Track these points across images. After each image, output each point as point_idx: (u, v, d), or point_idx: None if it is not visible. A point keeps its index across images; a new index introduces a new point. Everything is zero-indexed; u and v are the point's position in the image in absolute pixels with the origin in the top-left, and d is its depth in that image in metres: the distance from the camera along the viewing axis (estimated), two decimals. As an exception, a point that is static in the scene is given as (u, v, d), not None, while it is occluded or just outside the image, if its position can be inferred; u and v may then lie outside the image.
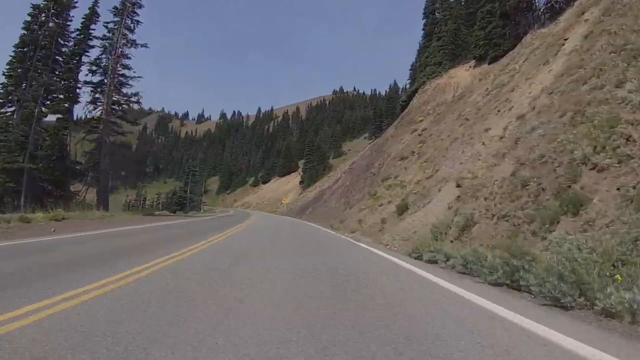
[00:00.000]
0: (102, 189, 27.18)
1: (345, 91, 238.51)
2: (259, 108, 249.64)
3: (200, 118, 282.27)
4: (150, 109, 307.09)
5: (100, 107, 26.34)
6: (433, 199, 12.46)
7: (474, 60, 36.68)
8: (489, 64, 30.59)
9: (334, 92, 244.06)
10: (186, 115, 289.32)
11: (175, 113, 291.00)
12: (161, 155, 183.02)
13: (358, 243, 11.60)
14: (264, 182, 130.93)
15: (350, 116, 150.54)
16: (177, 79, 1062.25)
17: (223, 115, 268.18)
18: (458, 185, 11.15)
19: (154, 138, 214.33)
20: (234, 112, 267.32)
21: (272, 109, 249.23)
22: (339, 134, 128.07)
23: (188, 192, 56.14)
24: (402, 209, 14.51)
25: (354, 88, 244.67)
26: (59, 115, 26.50)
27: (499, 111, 15.58)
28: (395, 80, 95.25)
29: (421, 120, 34.18)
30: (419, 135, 29.87)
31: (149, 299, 3.51)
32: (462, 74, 37.77)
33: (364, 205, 22.75)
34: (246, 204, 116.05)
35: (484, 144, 13.30)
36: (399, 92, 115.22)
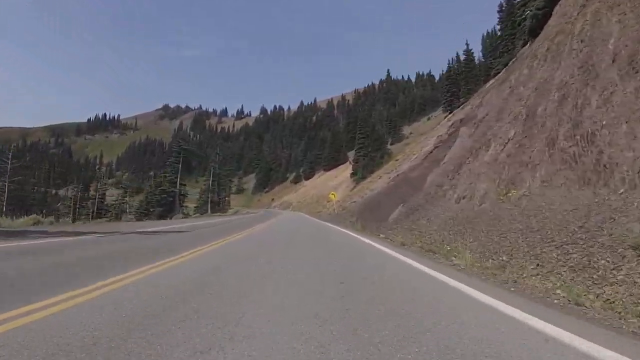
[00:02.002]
0: None
1: (393, 78, 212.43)
2: (302, 101, 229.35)
3: (240, 114, 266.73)
4: (187, 106, 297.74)
5: None
6: None
7: None
8: None
9: (381, 81, 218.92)
10: (225, 112, 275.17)
11: (214, 110, 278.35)
12: (195, 153, 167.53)
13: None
14: (307, 178, 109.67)
15: (406, 97, 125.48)
16: (218, 79, 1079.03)
17: (264, 111, 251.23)
18: None
19: (188, 135, 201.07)
20: (275, 106, 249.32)
21: (315, 101, 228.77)
22: (397, 115, 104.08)
23: (178, 183, 35.03)
24: None
25: (402, 77, 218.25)
26: None
27: None
28: (467, 43, 67.96)
29: None
30: None
31: None
32: None
33: None
34: (285, 203, 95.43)
35: None
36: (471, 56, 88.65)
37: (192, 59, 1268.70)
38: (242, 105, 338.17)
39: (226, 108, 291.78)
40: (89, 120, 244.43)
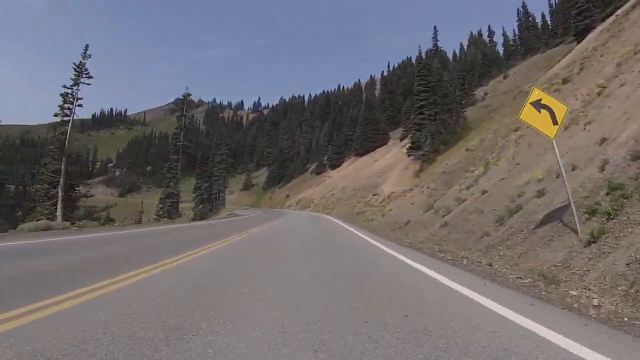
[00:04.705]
0: None
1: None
2: (324, 90, 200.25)
3: (257, 107, 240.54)
4: (200, 100, 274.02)
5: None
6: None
7: None
8: None
9: (419, 55, 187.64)
10: (241, 104, 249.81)
11: (229, 103, 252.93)
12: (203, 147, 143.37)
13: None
14: (334, 167, 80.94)
15: (463, 61, 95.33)
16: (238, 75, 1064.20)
17: (282, 102, 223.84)
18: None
19: (197, 128, 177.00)
20: (293, 95, 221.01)
21: (339, 86, 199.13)
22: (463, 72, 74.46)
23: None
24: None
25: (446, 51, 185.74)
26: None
27: None
28: None
29: None
30: None
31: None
32: None
33: None
34: (304, 200, 67.25)
35: None
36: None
37: (214, 58, 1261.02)
38: (259, 97, 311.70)
39: (242, 101, 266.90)
40: (93, 116, 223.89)
